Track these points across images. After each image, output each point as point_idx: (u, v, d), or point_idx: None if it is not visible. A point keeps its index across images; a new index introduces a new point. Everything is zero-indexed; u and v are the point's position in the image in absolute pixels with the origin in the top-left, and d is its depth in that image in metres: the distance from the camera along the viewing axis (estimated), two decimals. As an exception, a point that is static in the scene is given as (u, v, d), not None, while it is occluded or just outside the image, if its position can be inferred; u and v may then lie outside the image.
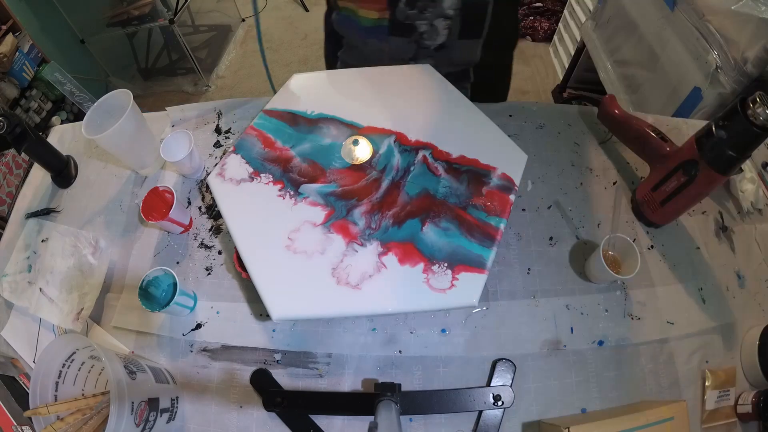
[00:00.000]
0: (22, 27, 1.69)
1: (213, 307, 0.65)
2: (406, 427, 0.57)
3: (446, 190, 0.60)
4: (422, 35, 0.72)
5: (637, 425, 0.51)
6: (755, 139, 0.53)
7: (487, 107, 0.69)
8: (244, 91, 2.40)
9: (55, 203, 0.79)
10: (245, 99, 0.86)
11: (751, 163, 0.79)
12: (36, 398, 0.51)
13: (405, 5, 0.67)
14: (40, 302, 0.68)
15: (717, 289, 0.67)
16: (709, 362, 0.62)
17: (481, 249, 0.55)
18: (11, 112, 0.73)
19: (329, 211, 0.59)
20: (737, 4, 1.05)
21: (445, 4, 0.67)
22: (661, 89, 1.38)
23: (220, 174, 0.63)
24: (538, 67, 2.36)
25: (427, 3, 0.66)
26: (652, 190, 0.67)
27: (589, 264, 0.65)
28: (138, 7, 2.07)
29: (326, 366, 0.60)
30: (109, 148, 0.72)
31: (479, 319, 0.63)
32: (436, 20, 0.70)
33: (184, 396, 0.60)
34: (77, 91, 1.86)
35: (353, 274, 0.54)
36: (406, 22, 0.70)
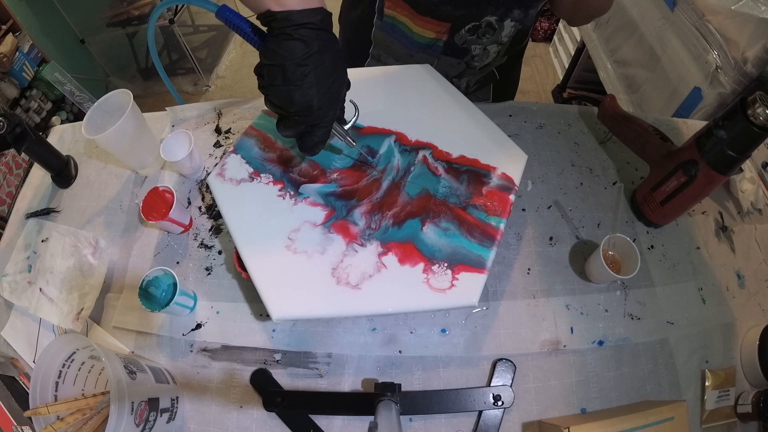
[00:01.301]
0: (22, 27, 1.69)
1: (213, 307, 0.65)
2: (406, 427, 0.57)
3: (446, 190, 0.60)
4: (473, 57, 0.74)
5: (637, 425, 0.51)
6: (755, 139, 0.53)
7: (487, 107, 0.69)
8: (244, 91, 2.40)
9: (55, 203, 0.79)
10: (245, 99, 0.86)
11: (751, 163, 0.79)
12: (36, 398, 0.51)
13: (466, 32, 0.68)
14: (40, 302, 0.68)
15: (717, 289, 0.67)
16: (709, 362, 0.62)
17: (481, 249, 0.55)
18: (11, 112, 0.73)
19: (329, 212, 0.59)
20: (737, 4, 1.05)
21: (503, 33, 0.70)
22: (661, 89, 1.39)
23: (220, 174, 0.63)
24: (538, 67, 2.36)
25: (487, 30, 0.68)
26: (652, 190, 0.67)
27: (589, 264, 0.65)
28: (138, 7, 2.07)
29: (326, 366, 0.60)
30: (109, 148, 0.72)
31: (479, 319, 0.63)
32: (490, 45, 0.72)
33: (184, 396, 0.60)
34: (77, 91, 1.86)
35: (353, 274, 0.54)
36: (462, 46, 0.71)
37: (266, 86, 0.44)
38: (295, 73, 0.43)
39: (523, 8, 0.66)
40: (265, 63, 0.44)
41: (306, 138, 0.49)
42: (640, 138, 0.69)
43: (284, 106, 0.45)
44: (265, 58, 0.44)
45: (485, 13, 0.66)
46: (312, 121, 0.47)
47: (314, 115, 0.46)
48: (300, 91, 0.43)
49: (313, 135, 0.49)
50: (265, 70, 0.44)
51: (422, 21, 0.68)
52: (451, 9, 0.65)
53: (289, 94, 0.44)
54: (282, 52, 0.42)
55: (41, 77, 1.77)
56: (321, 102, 0.45)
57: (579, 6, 0.65)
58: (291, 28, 0.42)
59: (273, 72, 0.43)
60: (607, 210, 0.72)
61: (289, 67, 0.42)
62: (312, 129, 0.48)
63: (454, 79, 0.80)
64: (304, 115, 0.46)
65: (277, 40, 0.43)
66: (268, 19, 0.43)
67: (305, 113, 0.45)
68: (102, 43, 2.24)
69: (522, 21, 0.68)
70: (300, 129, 0.48)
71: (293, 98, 0.44)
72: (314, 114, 0.46)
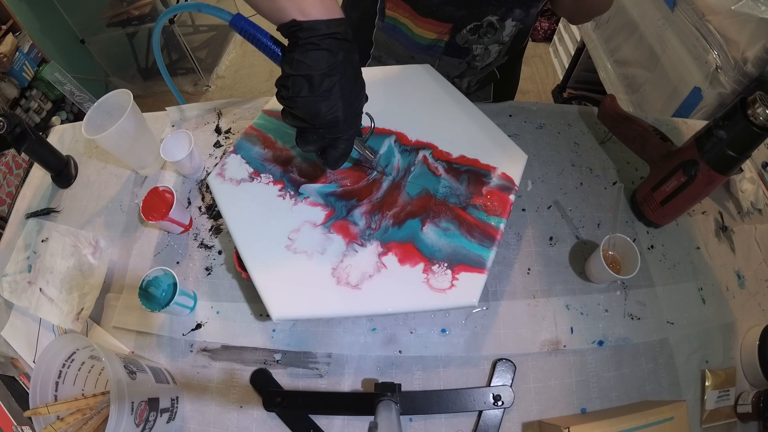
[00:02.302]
0: (22, 27, 1.69)
1: (213, 307, 0.65)
2: (406, 427, 0.57)
3: (446, 190, 0.60)
4: (475, 57, 0.74)
5: (637, 425, 0.51)
6: (755, 139, 0.53)
7: (487, 107, 0.69)
8: (244, 91, 2.40)
9: (55, 203, 0.79)
10: (245, 99, 0.86)
11: (751, 163, 0.79)
12: (36, 398, 0.51)
13: (468, 32, 0.68)
14: (40, 302, 0.68)
15: (717, 289, 0.67)
16: (709, 362, 0.62)
17: (481, 249, 0.55)
18: (11, 112, 0.73)
19: (329, 212, 0.59)
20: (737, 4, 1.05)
21: (504, 32, 0.70)
22: (661, 89, 1.39)
23: (220, 174, 0.63)
24: (538, 67, 2.36)
25: (488, 30, 0.68)
26: (652, 190, 0.67)
27: (589, 264, 0.65)
28: (138, 7, 2.07)
29: (326, 366, 0.60)
30: (109, 148, 0.72)
31: (479, 319, 0.63)
32: (492, 45, 0.72)
33: (184, 396, 0.60)
34: (77, 91, 1.86)
35: (353, 274, 0.54)
36: (464, 45, 0.71)
37: (291, 98, 0.43)
38: (322, 84, 0.41)
39: (524, 7, 0.66)
40: (290, 73, 0.42)
41: (329, 151, 0.48)
42: (640, 138, 0.69)
43: (309, 119, 0.44)
44: (290, 69, 0.42)
45: (486, 13, 0.66)
46: (336, 134, 0.46)
47: (339, 128, 0.45)
48: (327, 102, 0.42)
49: (336, 148, 0.47)
50: (290, 81, 0.42)
51: (423, 22, 0.68)
52: (453, 10, 0.65)
53: (315, 106, 0.42)
54: (308, 62, 0.41)
55: (41, 77, 1.77)
56: (347, 114, 0.44)
57: (580, 4, 0.65)
58: (317, 38, 0.41)
59: (299, 83, 0.42)
60: (607, 210, 0.72)
61: (316, 77, 0.41)
62: (335, 142, 0.47)
63: (456, 79, 0.80)
64: (329, 127, 0.44)
65: (303, 50, 0.41)
66: (292, 29, 0.42)
67: (331, 125, 0.44)
68: (102, 43, 2.24)
69: (523, 20, 0.68)
70: (323, 143, 0.47)
71: (320, 110, 0.43)
72: (340, 126, 0.45)
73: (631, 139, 0.71)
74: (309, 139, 0.46)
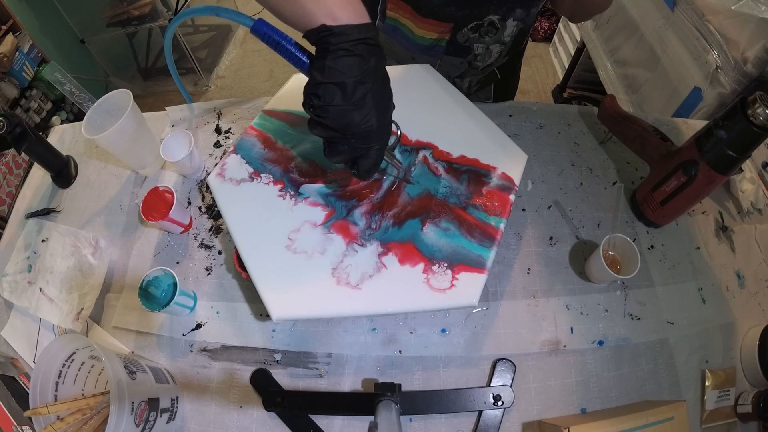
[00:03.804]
0: (22, 27, 1.69)
1: (213, 307, 0.65)
2: (406, 427, 0.57)
3: (446, 190, 0.60)
4: (476, 57, 0.74)
5: (637, 425, 0.51)
6: (755, 139, 0.53)
7: (487, 107, 0.69)
8: (244, 91, 2.40)
9: (55, 203, 0.79)
10: (245, 99, 0.86)
11: (751, 163, 0.79)
12: (36, 398, 0.51)
13: (469, 30, 0.68)
14: (40, 302, 0.68)
15: (717, 289, 0.67)
16: (709, 362, 0.62)
17: (481, 249, 0.55)
18: (11, 112, 0.73)
19: (329, 212, 0.59)
20: (737, 4, 1.05)
21: (505, 32, 0.69)
22: (661, 89, 1.39)
23: (220, 174, 0.63)
24: (538, 67, 2.36)
25: (489, 29, 0.68)
26: (652, 190, 0.67)
27: (589, 264, 0.65)
28: (138, 7, 2.07)
29: (326, 366, 0.60)
30: (109, 148, 0.72)
31: (479, 319, 0.63)
32: (493, 45, 0.72)
33: (184, 396, 0.60)
34: (77, 91, 1.86)
35: (353, 274, 0.54)
36: (465, 44, 0.71)
37: (322, 107, 0.40)
38: (355, 92, 0.39)
39: (525, 7, 0.66)
40: (322, 81, 0.39)
41: (361, 162, 0.45)
42: (640, 138, 0.69)
43: (341, 129, 0.41)
44: (321, 76, 0.39)
45: (488, 13, 0.66)
46: (369, 144, 0.43)
47: (373, 138, 0.43)
48: (360, 111, 0.40)
49: (368, 158, 0.45)
50: (321, 89, 0.40)
51: (425, 23, 0.68)
52: (454, 10, 0.65)
53: (348, 115, 0.40)
54: (340, 68, 0.39)
55: (41, 77, 1.77)
56: (380, 123, 0.42)
57: (580, 3, 0.65)
58: (349, 43, 0.39)
59: (331, 91, 0.39)
60: (607, 210, 0.72)
61: (349, 85, 0.39)
62: (366, 152, 0.44)
63: (457, 80, 0.80)
64: (362, 137, 0.42)
65: (334, 56, 0.39)
66: (323, 35, 0.39)
67: (364, 135, 0.42)
68: (102, 43, 2.24)
69: (524, 20, 0.68)
70: (354, 153, 0.44)
71: (353, 119, 0.40)
72: (373, 136, 0.43)
73: (631, 139, 0.71)
74: (339, 149, 0.44)
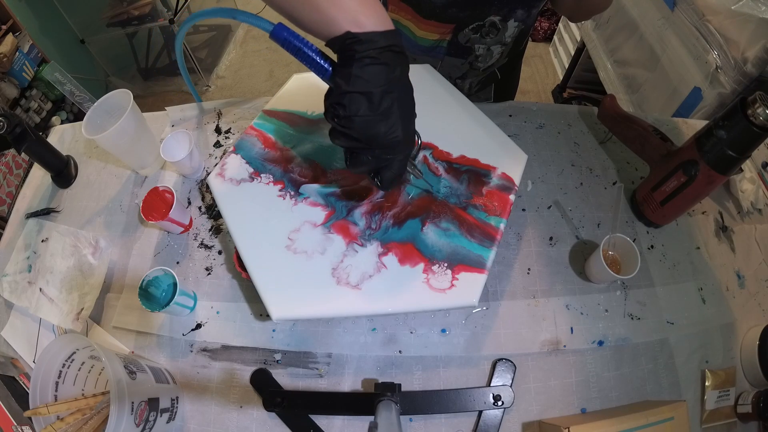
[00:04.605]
0: (22, 27, 1.69)
1: (213, 307, 0.65)
2: (406, 427, 0.57)
3: (447, 190, 0.60)
4: (477, 57, 0.74)
5: (637, 425, 0.51)
6: (755, 139, 0.53)
7: (487, 107, 0.69)
8: (244, 91, 2.40)
9: (55, 203, 0.79)
10: (245, 99, 0.86)
11: (751, 163, 0.79)
12: (36, 398, 0.51)
13: (470, 30, 0.68)
14: (40, 302, 0.68)
15: (717, 289, 0.67)
16: (709, 362, 0.62)
17: (481, 249, 0.55)
18: (11, 112, 0.73)
19: (330, 212, 0.59)
20: (737, 4, 1.05)
21: (506, 33, 0.69)
22: (661, 89, 1.39)
23: (220, 174, 0.63)
24: (538, 67, 2.36)
25: (490, 30, 0.68)
26: (652, 190, 0.67)
27: (589, 264, 0.65)
28: (138, 7, 2.07)
29: (326, 366, 0.60)
30: (109, 148, 0.72)
31: (479, 319, 0.63)
32: (494, 45, 0.72)
33: (184, 396, 0.60)
34: (77, 91, 1.86)
35: (353, 274, 0.54)
36: (466, 44, 0.71)
37: (348, 117, 0.38)
38: (382, 101, 0.38)
39: (526, 8, 0.66)
40: (347, 90, 0.38)
41: (385, 173, 0.44)
42: (640, 138, 0.69)
43: (367, 140, 0.40)
44: (347, 85, 0.38)
45: (489, 13, 0.66)
46: (393, 155, 0.42)
47: (398, 148, 0.42)
48: (387, 121, 0.39)
49: (391, 169, 0.44)
50: (346, 99, 0.38)
51: (426, 24, 0.68)
52: (456, 11, 0.65)
53: (375, 126, 0.39)
54: (367, 77, 0.37)
55: (41, 77, 1.77)
56: (405, 133, 0.41)
57: (580, 3, 0.65)
58: (376, 51, 0.37)
59: (357, 101, 0.38)
60: (607, 210, 0.72)
61: (376, 94, 0.38)
62: (390, 162, 0.43)
63: (458, 81, 0.80)
64: (387, 147, 0.41)
65: (361, 64, 0.37)
66: (348, 42, 0.38)
67: (390, 146, 0.41)
68: (102, 43, 2.24)
69: (525, 21, 0.68)
70: (379, 164, 0.43)
71: (379, 130, 0.39)
72: (399, 147, 0.41)
73: (631, 139, 0.71)
74: (363, 160, 0.42)
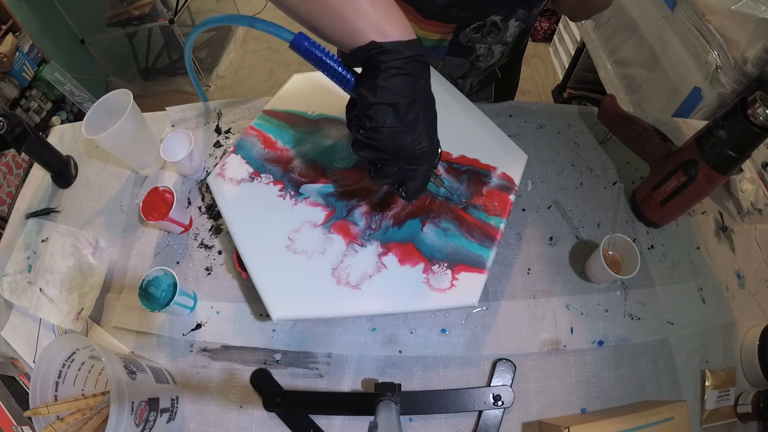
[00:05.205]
0: (22, 27, 1.69)
1: (213, 307, 0.65)
2: (406, 427, 0.57)
3: (447, 190, 0.60)
4: (478, 57, 0.74)
5: (637, 425, 0.51)
6: (755, 139, 0.53)
7: (487, 107, 0.69)
8: (244, 91, 2.40)
9: (55, 203, 0.79)
10: (245, 99, 0.86)
11: (751, 163, 0.79)
12: (36, 398, 0.51)
13: (471, 30, 0.68)
14: (40, 302, 0.68)
15: (717, 289, 0.67)
16: (709, 362, 0.62)
17: (481, 249, 0.55)
18: (11, 112, 0.73)
19: (330, 212, 0.59)
20: (737, 4, 1.05)
21: (507, 33, 0.69)
22: (661, 89, 1.39)
23: (220, 174, 0.63)
24: (538, 67, 2.36)
25: (491, 30, 0.68)
26: (652, 190, 0.67)
27: (589, 264, 0.65)
28: (138, 7, 2.07)
29: (326, 366, 0.60)
30: (109, 148, 0.72)
31: (479, 319, 0.63)
32: (495, 45, 0.72)
33: (184, 396, 0.60)
34: (77, 91, 1.86)
35: (353, 274, 0.54)
36: (467, 44, 0.71)
37: (375, 129, 0.38)
38: (408, 112, 0.38)
39: (527, 7, 0.66)
40: (373, 102, 0.37)
41: (409, 184, 0.44)
42: (640, 138, 0.69)
43: (393, 151, 0.39)
44: (374, 97, 0.37)
45: (490, 13, 0.66)
46: (418, 165, 0.42)
47: (423, 159, 0.41)
48: (413, 133, 0.39)
49: (416, 180, 0.44)
50: (373, 111, 0.37)
51: (427, 24, 0.68)
52: (458, 11, 0.65)
53: (402, 137, 0.39)
54: (393, 88, 0.37)
55: (41, 77, 1.77)
56: (431, 144, 0.41)
57: (581, 2, 0.65)
58: (401, 61, 0.37)
59: (384, 112, 0.37)
60: (607, 210, 0.72)
61: (403, 105, 0.37)
62: (414, 173, 0.43)
63: (459, 80, 0.80)
64: (413, 159, 0.41)
65: (386, 75, 0.37)
66: (373, 52, 0.37)
67: (416, 157, 0.40)
68: (102, 43, 2.24)
69: (526, 20, 0.68)
70: (404, 176, 0.43)
71: (406, 142, 0.39)
72: (424, 158, 0.41)
73: (631, 139, 0.71)
74: (388, 172, 0.42)
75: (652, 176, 0.68)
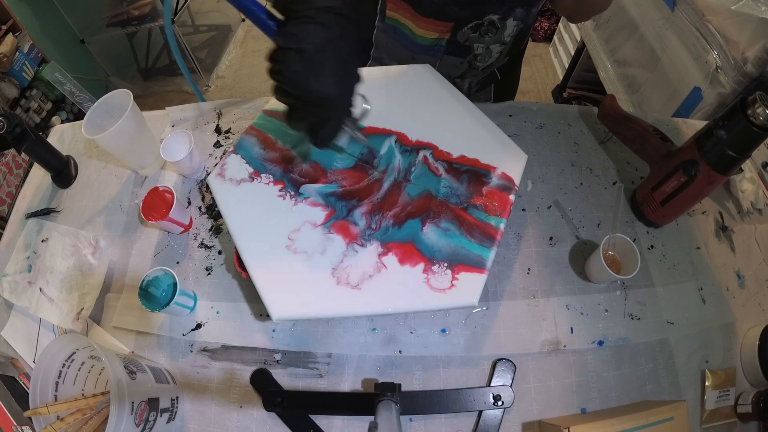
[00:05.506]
0: (22, 27, 1.69)
1: (213, 307, 0.65)
2: (406, 427, 0.57)
3: (447, 190, 0.60)
4: (476, 57, 0.74)
5: (637, 425, 0.51)
6: (755, 139, 0.53)
7: (487, 107, 0.69)
8: (244, 91, 2.40)
9: (55, 203, 0.79)
10: (245, 99, 0.86)
11: (751, 163, 0.79)
12: (36, 398, 0.51)
13: (469, 29, 0.68)
14: (40, 302, 0.68)
15: (717, 289, 0.67)
16: (709, 362, 0.62)
17: (481, 249, 0.55)
18: (11, 112, 0.73)
19: (330, 212, 0.59)
20: (737, 4, 1.05)
21: (505, 32, 0.70)
22: (661, 89, 1.39)
23: (220, 174, 0.63)
24: (538, 67, 2.36)
25: (489, 29, 0.68)
26: (652, 190, 0.67)
27: (589, 264, 0.65)
28: (138, 7, 2.07)
29: (326, 366, 0.60)
30: (109, 148, 0.72)
31: (479, 319, 0.63)
32: (493, 45, 0.72)
33: (184, 396, 0.60)
34: (77, 91, 1.86)
35: (353, 274, 0.54)
36: (465, 43, 0.71)
37: (281, 71, 0.41)
38: (313, 59, 0.40)
39: (525, 7, 0.66)
40: (282, 46, 0.40)
41: (317, 129, 0.46)
42: (640, 138, 0.69)
43: (299, 95, 0.42)
44: (282, 41, 0.40)
45: (488, 12, 0.66)
46: (326, 113, 0.45)
47: (330, 106, 0.44)
48: (318, 79, 0.41)
49: (325, 127, 0.46)
50: (280, 55, 0.41)
51: (425, 23, 0.68)
52: (456, 10, 0.65)
53: (305, 81, 0.41)
54: (301, 35, 0.40)
55: (41, 77, 1.77)
56: (339, 92, 0.43)
57: (579, 3, 0.65)
58: (312, 10, 0.40)
59: (289, 57, 0.40)
60: (607, 210, 0.72)
61: (308, 51, 0.40)
62: (325, 121, 0.46)
63: (457, 80, 0.80)
64: (318, 105, 0.43)
65: (297, 22, 0.40)
66: (286, 2, 0.41)
67: (321, 104, 0.43)
68: (102, 43, 2.24)
69: (524, 20, 0.68)
70: (312, 121, 0.45)
71: (310, 86, 0.41)
72: (330, 105, 0.44)
73: (631, 139, 0.71)
74: (298, 116, 0.45)
75: (652, 176, 0.68)
